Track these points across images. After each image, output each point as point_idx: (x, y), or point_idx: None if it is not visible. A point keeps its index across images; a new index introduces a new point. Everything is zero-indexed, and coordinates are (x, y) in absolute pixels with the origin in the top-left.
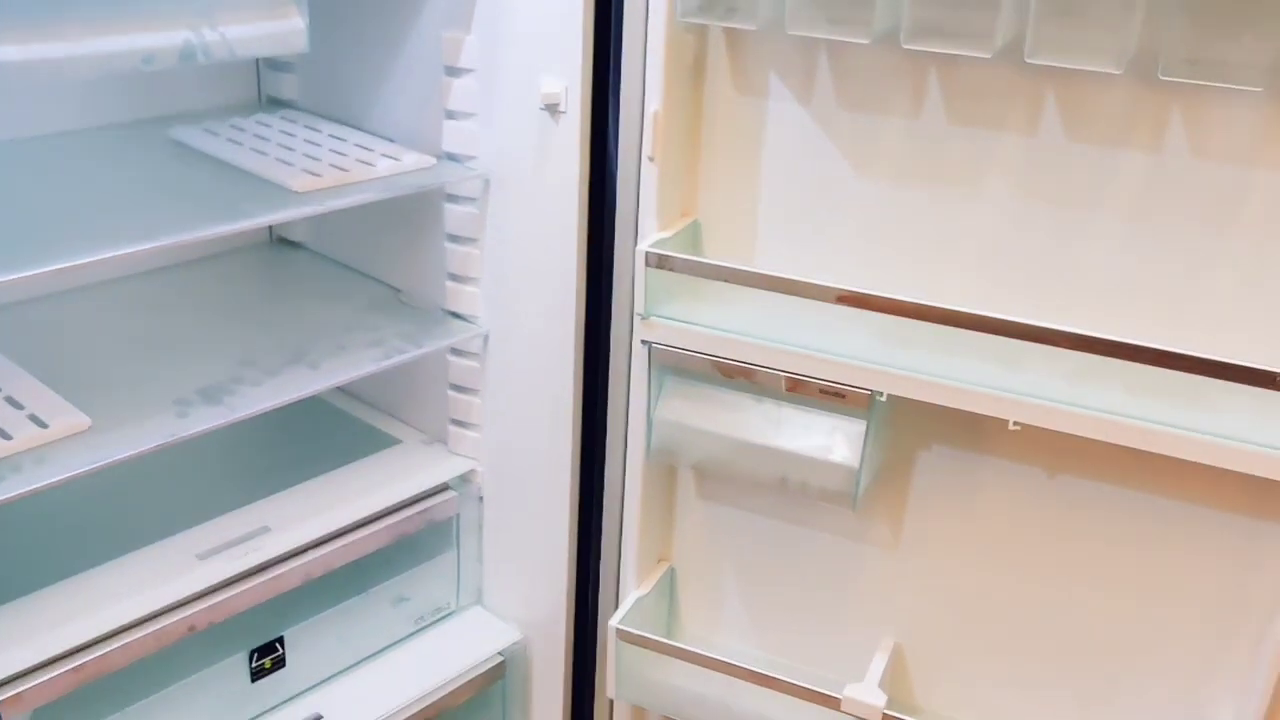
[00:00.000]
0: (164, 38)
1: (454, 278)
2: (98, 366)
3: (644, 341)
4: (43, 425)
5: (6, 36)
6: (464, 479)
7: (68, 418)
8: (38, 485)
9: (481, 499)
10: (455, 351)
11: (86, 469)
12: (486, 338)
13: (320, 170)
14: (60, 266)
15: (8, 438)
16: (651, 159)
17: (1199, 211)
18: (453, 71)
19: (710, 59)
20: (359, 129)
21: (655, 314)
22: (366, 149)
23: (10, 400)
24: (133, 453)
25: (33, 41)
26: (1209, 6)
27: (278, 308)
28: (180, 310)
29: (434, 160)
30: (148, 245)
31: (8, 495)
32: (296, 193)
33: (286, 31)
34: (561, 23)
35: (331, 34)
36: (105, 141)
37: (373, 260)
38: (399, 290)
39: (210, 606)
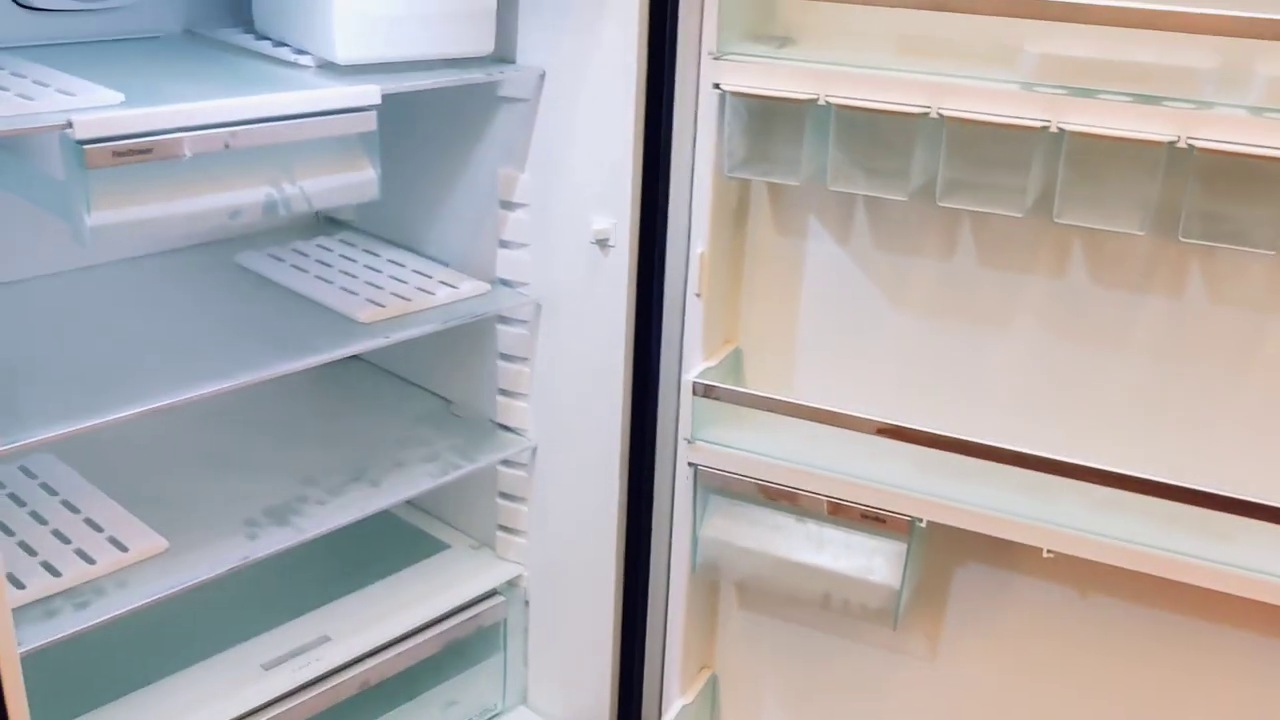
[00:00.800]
0: (249, 194)
1: (504, 393)
2: (167, 484)
3: (690, 464)
4: (122, 549)
5: (110, 201)
6: (511, 584)
7: (145, 541)
8: (121, 610)
9: (527, 603)
10: (504, 462)
11: (166, 594)
12: (535, 450)
13: (383, 299)
14: (145, 409)
15: (91, 561)
16: (698, 295)
17: (1217, 353)
18: (507, 205)
19: (753, 203)
20: (416, 252)
21: (701, 438)
22: (425, 275)
23: (90, 522)
24: (209, 576)
25: (133, 205)
26: (1222, 178)
27: (336, 421)
28: (243, 425)
29: (488, 286)
30: (229, 384)
31: (95, 621)
32: (363, 324)
33: (360, 182)
34: (612, 167)
35: (392, 162)
36: (174, 266)
37: (426, 373)
38: (450, 402)
39: (274, 717)
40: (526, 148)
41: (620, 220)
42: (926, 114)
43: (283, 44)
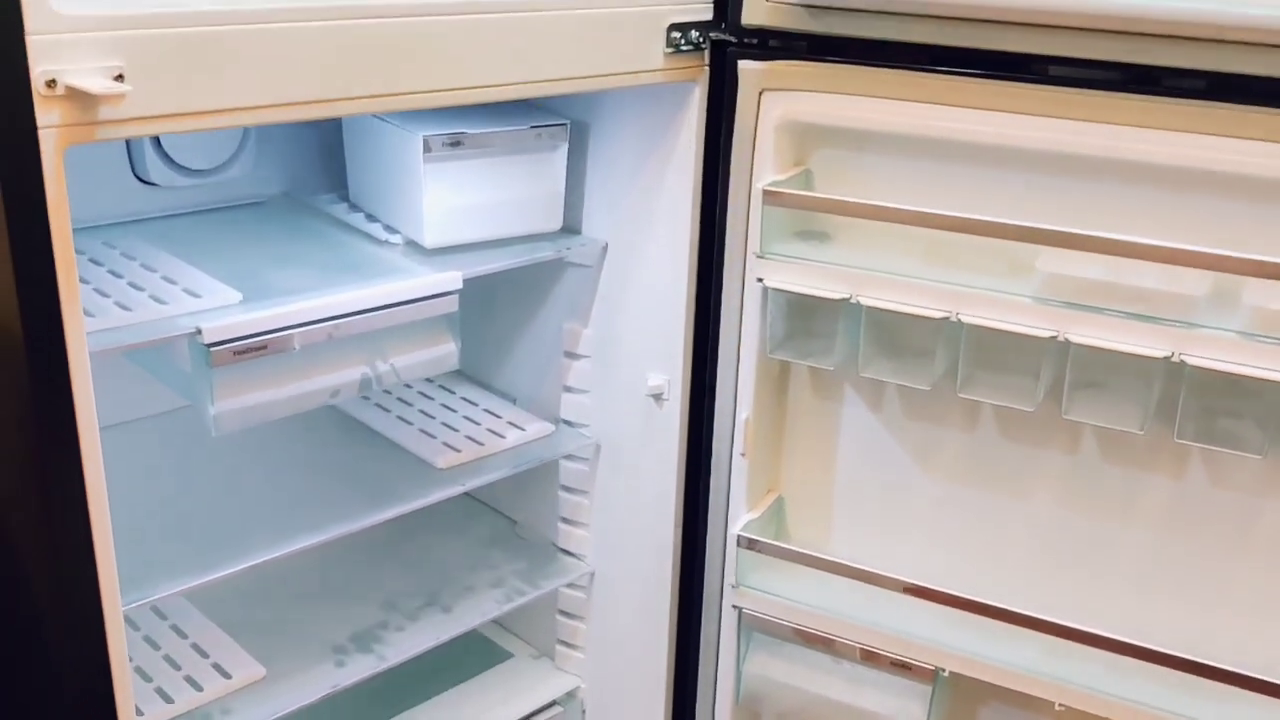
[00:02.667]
0: (347, 374)
1: (565, 520)
2: (261, 606)
3: (735, 606)
4: (226, 676)
5: (230, 391)
6: (570, 695)
7: (246, 669)
8: None
9: (584, 713)
10: (565, 584)
11: None
12: (593, 575)
13: (459, 443)
14: (253, 563)
15: (199, 689)
16: (743, 455)
17: (1218, 530)
18: (571, 355)
19: (794, 371)
20: (487, 387)
21: (745, 584)
22: (495, 415)
23: (197, 648)
24: (304, 704)
25: (249, 393)
26: (1213, 390)
27: (413, 539)
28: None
29: (552, 427)
30: (324, 538)
31: None
32: (440, 469)
33: (442, 355)
34: (665, 331)
35: (469, 310)
36: None
37: (495, 494)
38: (516, 523)
39: None
40: (590, 307)
41: (673, 378)
42: (948, 318)
43: (375, 219)
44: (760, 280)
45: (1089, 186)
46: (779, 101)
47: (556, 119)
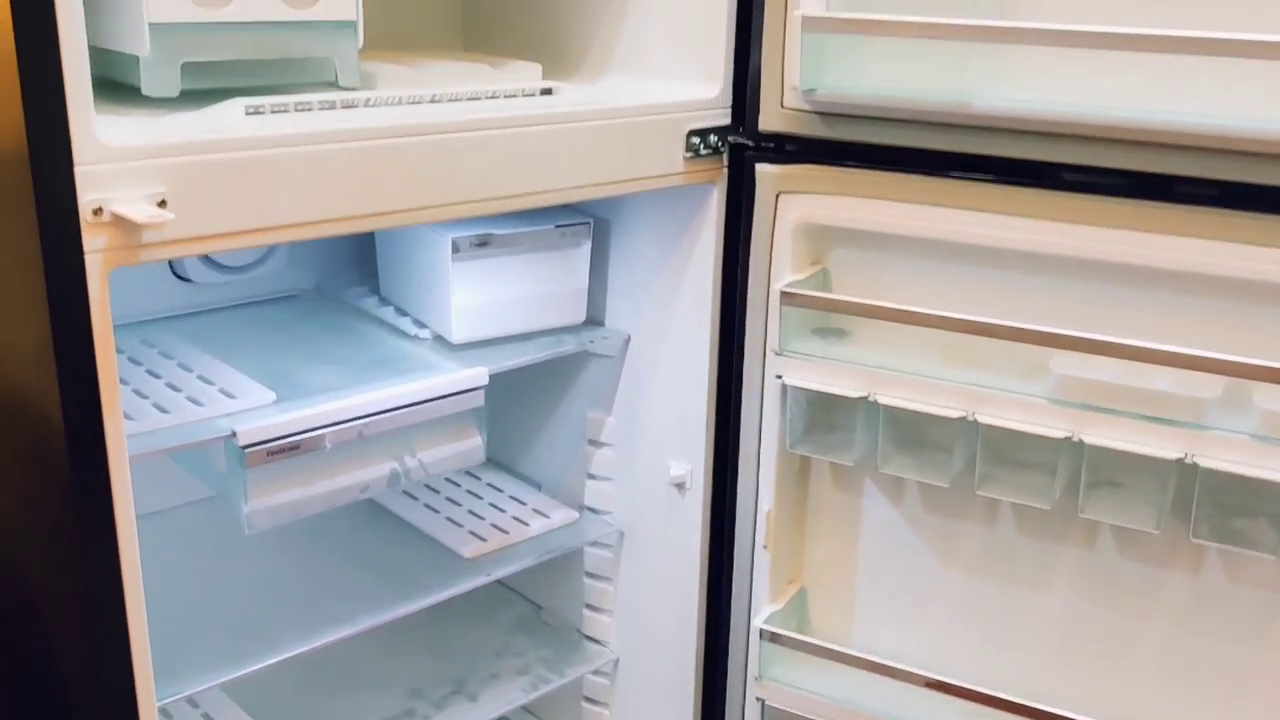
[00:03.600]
0: (376, 471)
1: (590, 607)
2: (292, 693)
3: (758, 699)
4: None
5: (263, 490)
6: None
7: None
8: None
9: None
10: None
11: None
12: (617, 662)
13: (485, 532)
14: (286, 656)
15: None
16: (765, 548)
17: (1237, 625)
18: (595, 443)
19: (815, 465)
20: (512, 471)
21: (768, 676)
22: (520, 502)
23: None
24: None
25: (281, 492)
26: (1226, 492)
27: (437, 626)
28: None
29: (576, 514)
30: (353, 630)
31: None
32: (466, 559)
33: (469, 449)
34: (687, 422)
35: (495, 397)
36: None
37: (520, 579)
38: (541, 608)
39: None
40: (613, 396)
41: (695, 468)
42: (964, 418)
43: (404, 313)
44: (779, 377)
45: (1103, 289)
46: (796, 204)
47: (580, 217)
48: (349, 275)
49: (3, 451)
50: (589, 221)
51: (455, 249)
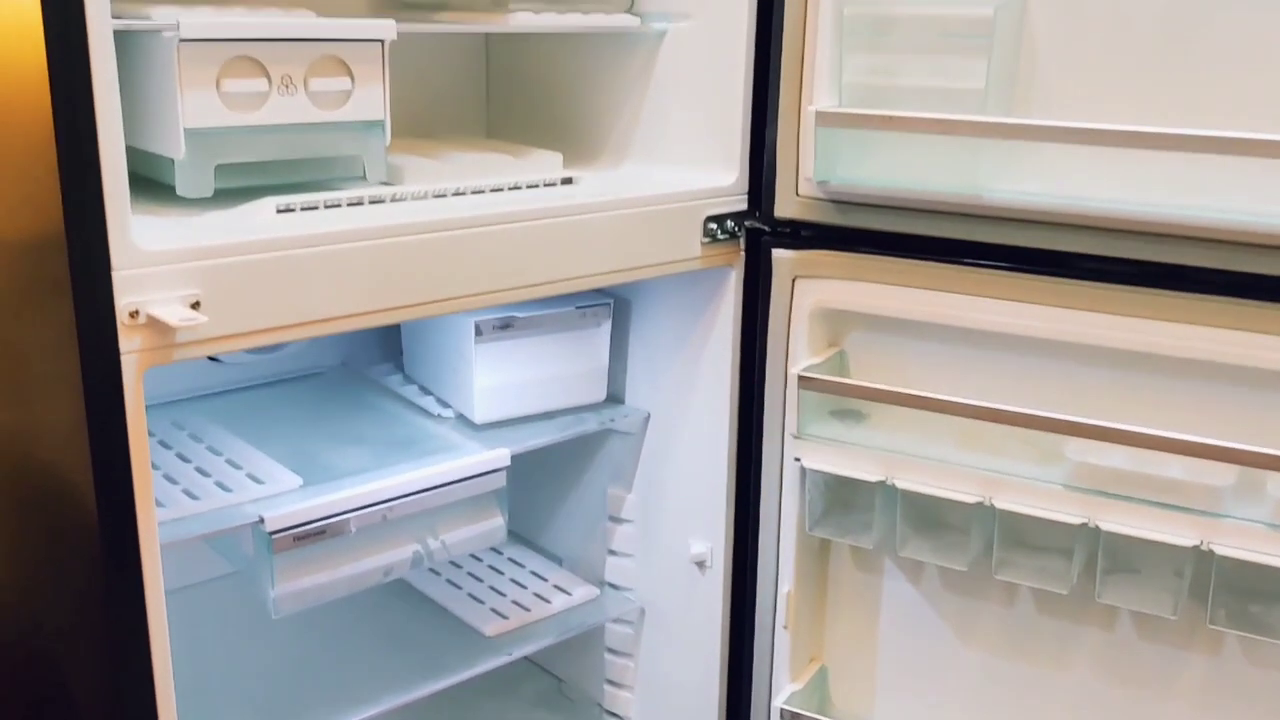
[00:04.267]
0: (400, 553)
1: (611, 683)
2: None
3: None
4: None
5: (290, 575)
6: None
7: None
8: None
9: None
10: None
11: None
12: None
13: (506, 609)
14: None
15: None
16: (785, 628)
17: (1256, 707)
18: (616, 520)
19: (834, 545)
20: (533, 547)
21: None
22: (542, 578)
23: None
24: None
25: (307, 576)
26: (1243, 579)
27: (459, 701)
28: None
29: (597, 591)
30: (376, 710)
31: None
32: (489, 637)
33: (491, 530)
34: (708, 500)
35: (516, 473)
36: None
37: (541, 653)
38: (562, 681)
39: None
40: (633, 473)
41: (715, 545)
42: (981, 503)
43: (428, 392)
44: (798, 460)
45: (1118, 375)
46: (812, 288)
47: (600, 298)
48: (374, 352)
49: (35, 527)
50: (609, 302)
51: (478, 332)
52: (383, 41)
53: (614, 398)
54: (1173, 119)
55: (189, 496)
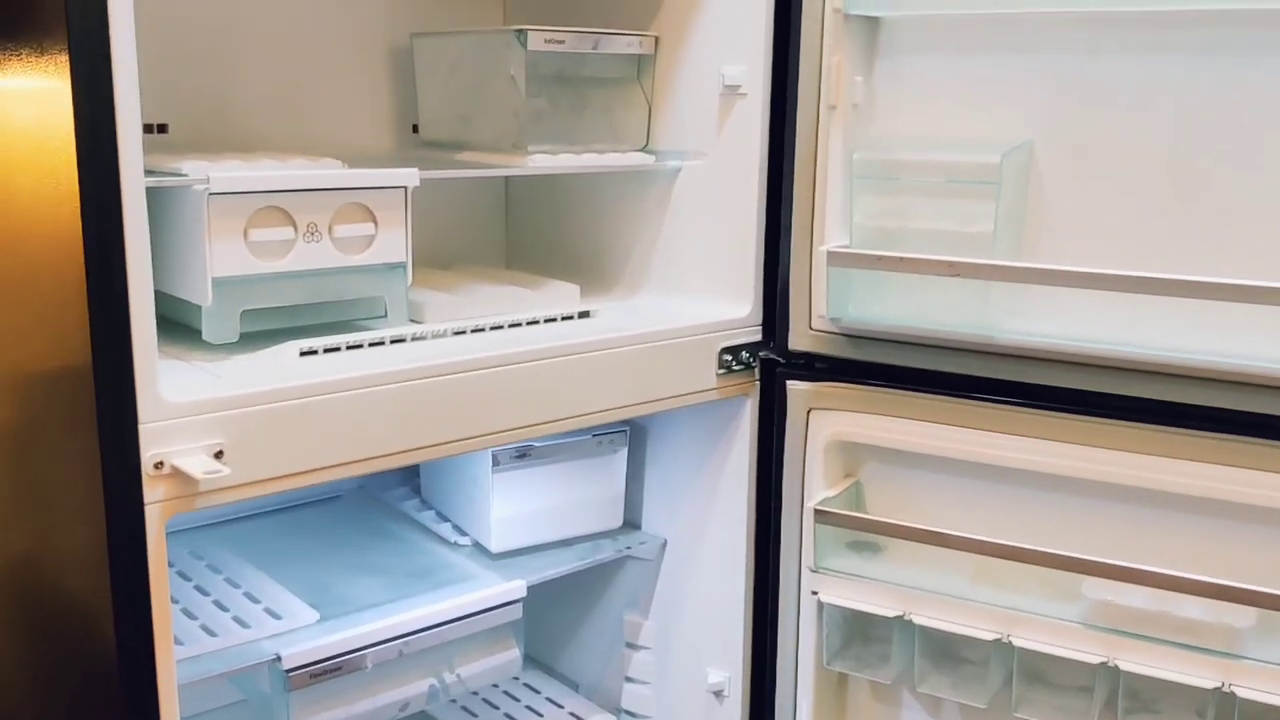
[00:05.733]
0: (416, 688)
1: None
2: None
3: None
4: None
5: (305, 713)
6: None
7: None
8: None
9: None
10: None
11: None
12: None
13: None
14: None
15: None
16: None
17: None
18: (632, 646)
19: (853, 677)
20: (550, 672)
21: None
22: (558, 706)
23: None
24: None
25: (322, 713)
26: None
27: None
28: None
29: (614, 719)
30: None
31: None
32: None
33: (507, 662)
34: (725, 628)
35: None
36: None
37: None
38: None
39: None
40: (650, 599)
41: (733, 675)
42: (999, 640)
43: (444, 518)
44: (815, 593)
45: (1135, 511)
46: (827, 421)
47: (617, 425)
48: (392, 476)
49: (54, 658)
50: (626, 429)
51: (496, 461)
52: (406, 188)
53: (631, 523)
54: (1180, 262)
55: (207, 633)
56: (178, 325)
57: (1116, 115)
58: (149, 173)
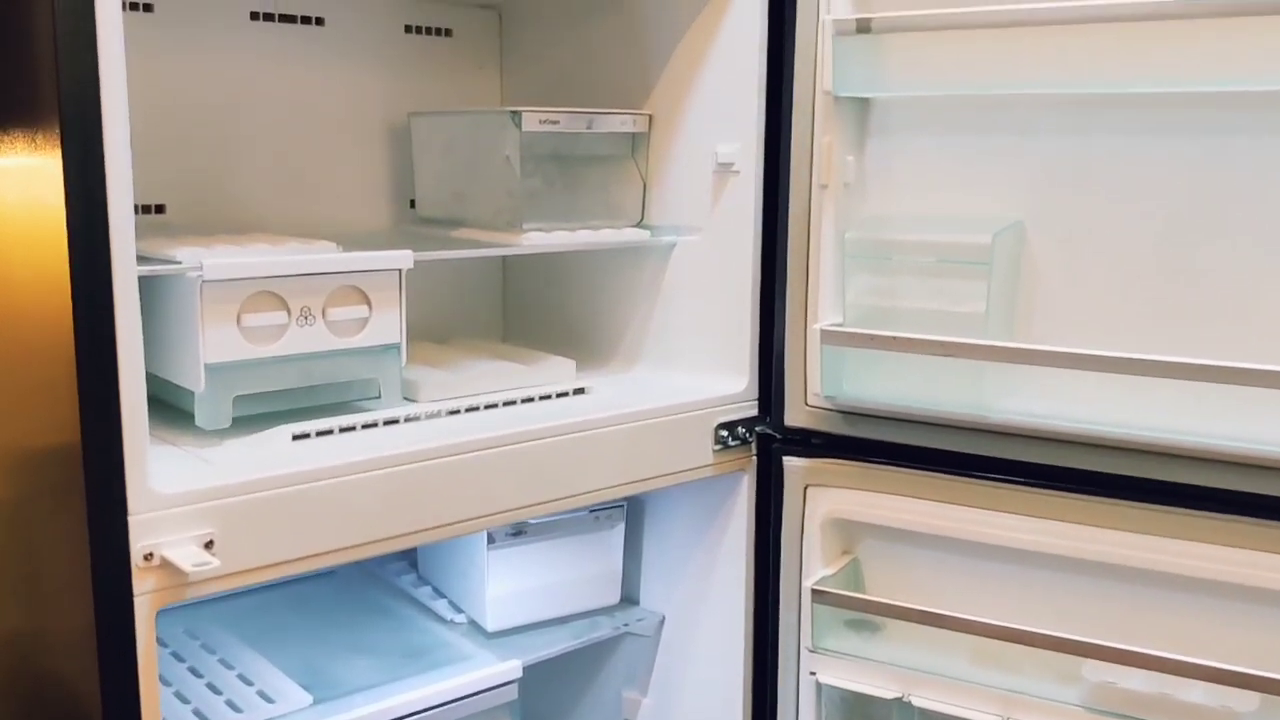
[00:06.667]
0: None
1: None
2: None
3: None
4: None
5: None
6: None
7: None
8: None
9: None
10: None
11: None
12: None
13: None
14: None
15: None
16: None
17: None
18: None
19: None
20: None
21: None
22: None
23: None
24: None
25: None
26: None
27: None
28: None
29: None
30: None
31: None
32: None
33: None
34: (725, 710)
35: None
36: None
37: None
38: None
39: None
40: (649, 676)
41: None
42: None
43: (440, 594)
44: (813, 674)
45: (1135, 591)
46: (824, 497)
47: (614, 501)
48: None
49: None
50: (623, 504)
51: (491, 539)
52: (400, 270)
53: (629, 598)
54: (1174, 342)
55: (199, 719)
56: (169, 406)
57: (1107, 195)
58: (142, 259)
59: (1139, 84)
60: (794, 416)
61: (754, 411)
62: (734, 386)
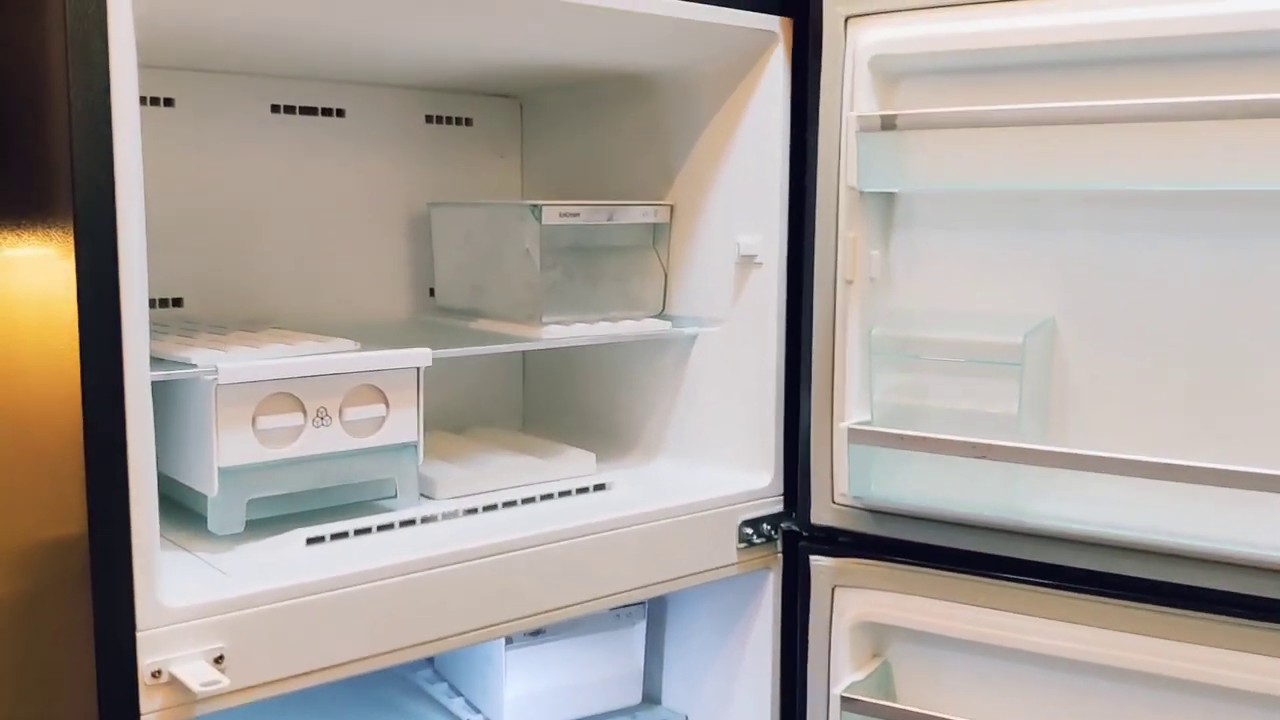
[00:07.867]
0: None
1: None
2: None
3: None
4: None
5: None
6: None
7: None
8: None
9: None
10: None
11: None
12: None
13: None
14: None
15: None
16: None
17: None
18: None
19: None
20: None
21: None
22: None
23: None
24: None
25: None
26: None
27: None
28: None
29: None
30: None
31: None
32: None
33: None
34: None
35: None
36: None
37: None
38: None
39: None
40: None
41: None
42: None
43: (457, 693)
44: None
45: (1170, 699)
46: (853, 599)
47: (635, 600)
48: None
49: None
50: (644, 603)
51: (509, 639)
52: (418, 369)
53: (650, 698)
54: (1212, 445)
55: None
56: (180, 506)
57: (1139, 292)
58: (156, 361)
59: (1166, 182)
60: (820, 515)
61: (779, 507)
62: (758, 482)
